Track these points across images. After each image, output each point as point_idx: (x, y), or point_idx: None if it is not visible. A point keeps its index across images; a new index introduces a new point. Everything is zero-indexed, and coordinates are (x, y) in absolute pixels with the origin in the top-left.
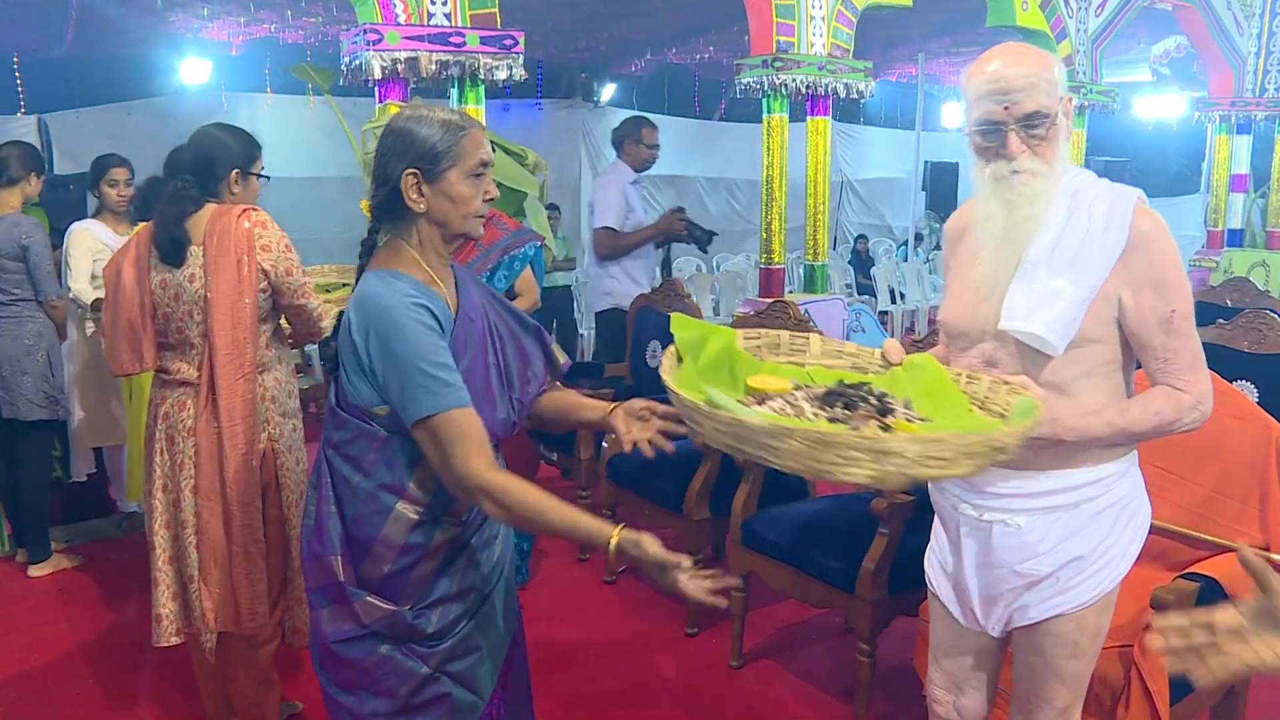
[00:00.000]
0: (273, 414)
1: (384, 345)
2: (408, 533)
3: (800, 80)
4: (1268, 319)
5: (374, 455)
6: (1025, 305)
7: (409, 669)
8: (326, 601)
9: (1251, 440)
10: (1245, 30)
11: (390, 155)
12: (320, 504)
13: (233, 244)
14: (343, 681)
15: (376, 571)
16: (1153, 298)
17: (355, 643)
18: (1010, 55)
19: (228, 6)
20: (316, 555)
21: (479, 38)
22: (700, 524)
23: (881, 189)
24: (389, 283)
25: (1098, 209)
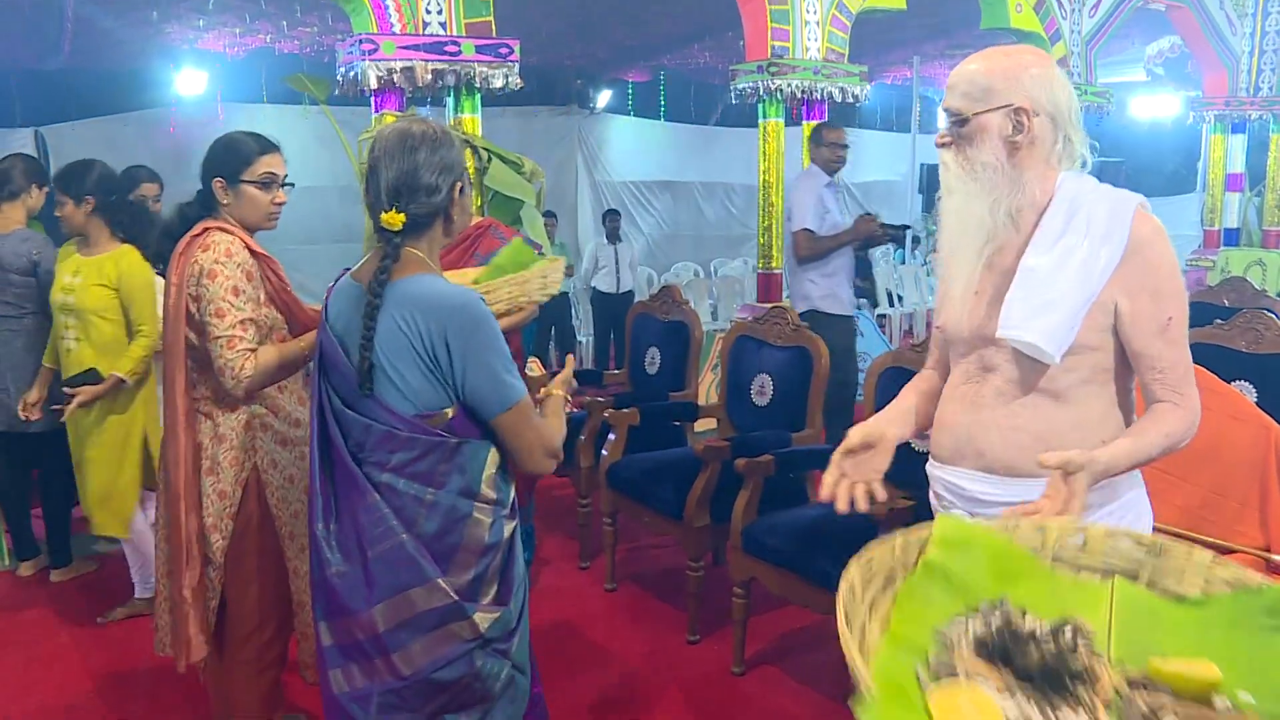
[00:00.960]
0: (263, 442)
1: (470, 339)
2: (487, 532)
3: (795, 85)
4: (1265, 319)
5: (445, 465)
6: (1022, 313)
7: (496, 672)
8: (424, 631)
9: (1250, 441)
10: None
11: (439, 166)
12: (382, 538)
13: (173, 267)
14: (430, 712)
15: (462, 580)
16: (1150, 304)
17: (456, 663)
18: (978, 56)
19: (223, 17)
20: (400, 589)
21: (474, 46)
22: (701, 531)
23: (878, 192)
24: (446, 283)
25: (1097, 215)
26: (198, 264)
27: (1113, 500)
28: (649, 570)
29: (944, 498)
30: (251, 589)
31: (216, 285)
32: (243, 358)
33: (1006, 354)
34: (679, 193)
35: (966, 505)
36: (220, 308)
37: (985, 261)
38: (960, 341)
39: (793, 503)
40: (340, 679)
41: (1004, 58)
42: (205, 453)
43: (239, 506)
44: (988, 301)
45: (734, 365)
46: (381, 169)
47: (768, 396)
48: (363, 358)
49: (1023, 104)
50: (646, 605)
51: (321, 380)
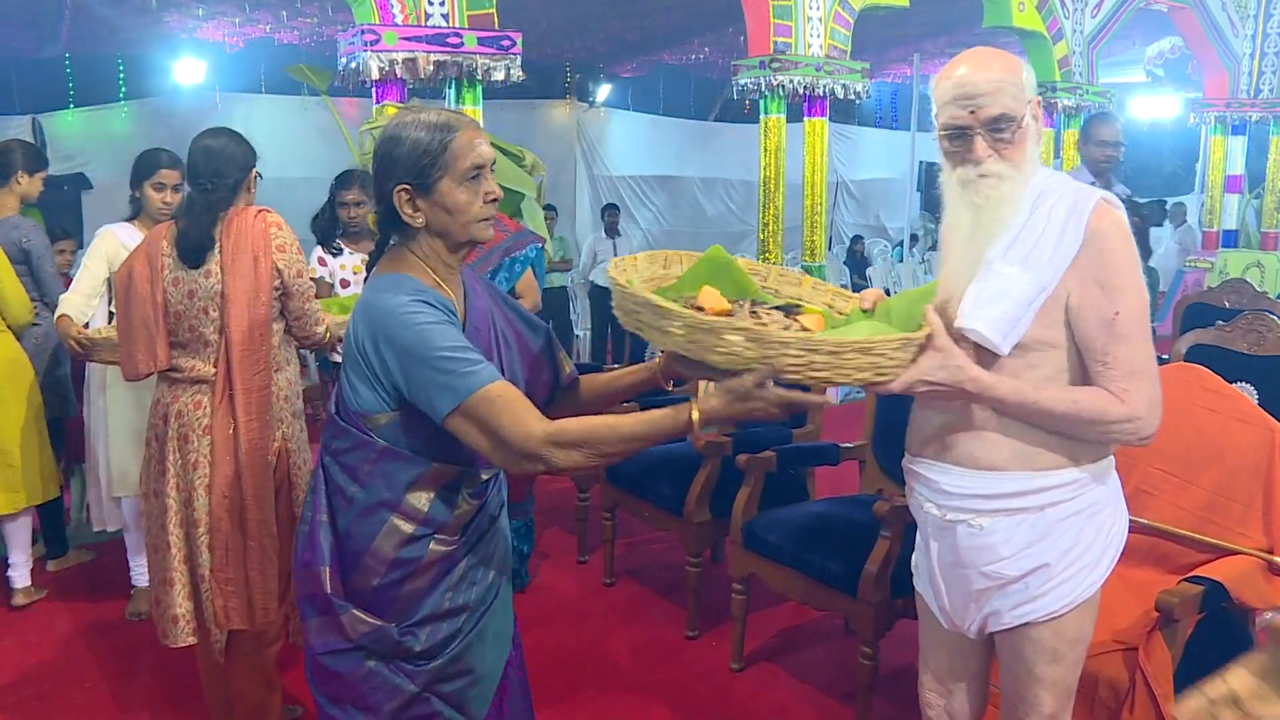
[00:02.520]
0: (285, 413)
1: (397, 345)
2: (399, 547)
3: (798, 81)
4: (1267, 321)
5: (370, 467)
6: (973, 303)
7: (395, 685)
8: (315, 612)
9: (1253, 443)
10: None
11: (381, 170)
12: (314, 512)
13: (250, 243)
14: (330, 693)
15: (365, 585)
16: (1098, 296)
17: (341, 655)
18: (977, 60)
19: (223, 7)
20: (306, 564)
21: (476, 38)
22: (700, 526)
23: (877, 190)
24: (391, 285)
25: (1059, 210)
26: (283, 237)
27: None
28: (648, 565)
29: (915, 489)
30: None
31: (301, 255)
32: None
33: (969, 348)
34: (677, 188)
35: (935, 497)
36: (308, 272)
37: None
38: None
39: (793, 499)
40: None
41: (1004, 56)
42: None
43: (272, 472)
44: (951, 299)
45: None
46: None
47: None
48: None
49: (1035, 97)
50: (645, 600)
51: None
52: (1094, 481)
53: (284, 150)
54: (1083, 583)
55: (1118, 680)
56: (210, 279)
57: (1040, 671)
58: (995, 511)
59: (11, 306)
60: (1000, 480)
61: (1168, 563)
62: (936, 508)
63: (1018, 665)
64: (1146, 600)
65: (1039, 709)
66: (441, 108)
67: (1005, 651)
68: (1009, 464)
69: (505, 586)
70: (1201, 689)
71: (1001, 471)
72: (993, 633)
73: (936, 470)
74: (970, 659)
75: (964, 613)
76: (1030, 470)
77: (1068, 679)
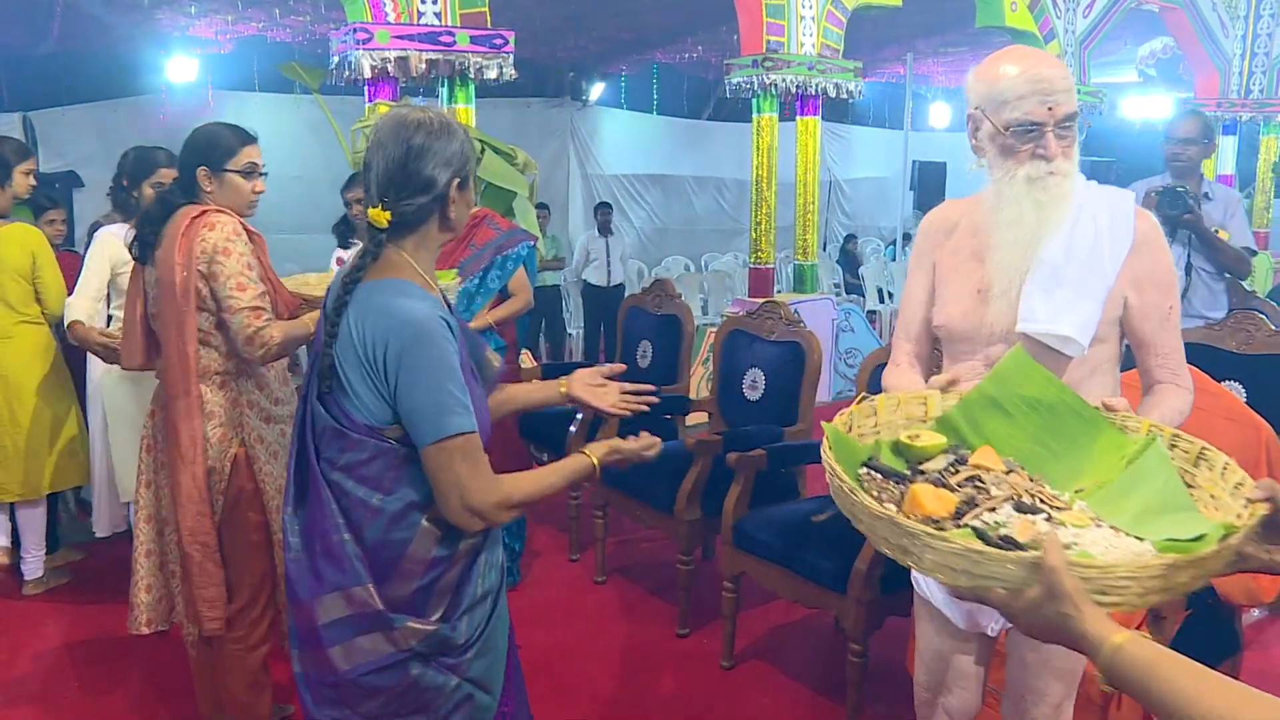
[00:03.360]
0: (249, 418)
1: (412, 361)
2: (434, 546)
3: (790, 80)
4: (1256, 320)
5: (394, 473)
6: (1047, 308)
7: (440, 685)
8: (352, 633)
9: (1241, 441)
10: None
11: (436, 161)
12: (326, 533)
13: (175, 247)
14: (367, 714)
15: (404, 590)
16: (1156, 295)
17: (387, 671)
18: (1043, 58)
19: (215, 5)
20: (338, 587)
21: (469, 37)
22: (691, 525)
23: (870, 189)
24: (405, 294)
25: (1100, 210)
26: (208, 242)
27: None
28: (639, 564)
29: None
30: (242, 564)
31: (232, 262)
32: (271, 326)
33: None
34: (671, 186)
35: None
36: (240, 281)
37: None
38: (964, 340)
39: (784, 498)
40: (297, 660)
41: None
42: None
43: (228, 481)
44: (993, 298)
45: (726, 359)
46: (374, 160)
47: (760, 391)
48: (324, 354)
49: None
50: (636, 599)
51: (312, 365)
52: None
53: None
54: None
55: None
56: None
57: (1057, 661)
58: None
59: (51, 297)
60: None
61: None
62: None
63: (1033, 655)
64: None
65: (1048, 699)
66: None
67: (1019, 643)
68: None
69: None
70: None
71: None
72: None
73: None
74: (969, 658)
75: (987, 611)
76: None
77: (1079, 669)
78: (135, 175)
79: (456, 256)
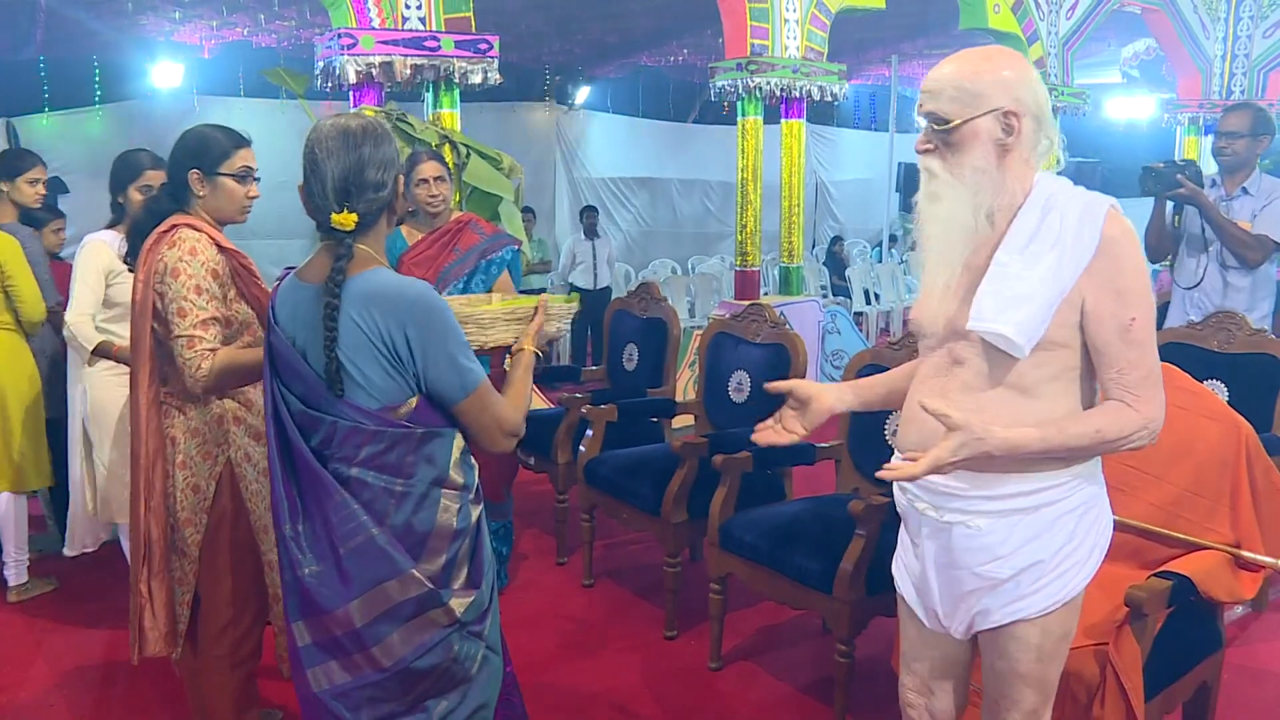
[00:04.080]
0: (236, 436)
1: (427, 329)
2: (455, 519)
3: (774, 83)
4: (1237, 319)
5: (413, 456)
6: (993, 306)
7: (473, 654)
8: (400, 622)
9: (1222, 439)
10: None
11: (386, 162)
12: (352, 534)
13: (143, 262)
14: (416, 699)
15: (435, 567)
16: (1113, 303)
17: (437, 648)
18: (954, 58)
19: (200, 10)
20: (379, 580)
21: (454, 41)
22: (678, 526)
23: (856, 191)
24: (397, 276)
25: (1070, 214)
26: (163, 261)
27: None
28: (626, 566)
29: (909, 491)
30: (226, 583)
31: (179, 284)
32: (200, 357)
33: (976, 348)
34: (656, 190)
35: (931, 498)
36: (182, 306)
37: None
38: (931, 335)
39: (770, 499)
40: (320, 677)
41: (987, 61)
42: (179, 446)
43: (213, 500)
44: (960, 297)
45: (712, 362)
46: (325, 168)
47: (745, 393)
48: (329, 360)
49: (1012, 107)
50: (624, 601)
51: (274, 382)
52: (1086, 480)
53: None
54: (1073, 580)
55: (1089, 675)
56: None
57: (1025, 669)
58: (991, 512)
59: (26, 304)
60: (998, 481)
61: (1138, 558)
62: (933, 509)
63: (1003, 663)
64: (1116, 596)
65: (1021, 706)
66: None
67: (990, 649)
68: (1008, 466)
69: None
70: None
71: (999, 473)
72: (979, 632)
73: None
74: (952, 659)
75: (953, 613)
76: (1026, 471)
77: (1051, 676)
78: (119, 180)
79: (441, 261)
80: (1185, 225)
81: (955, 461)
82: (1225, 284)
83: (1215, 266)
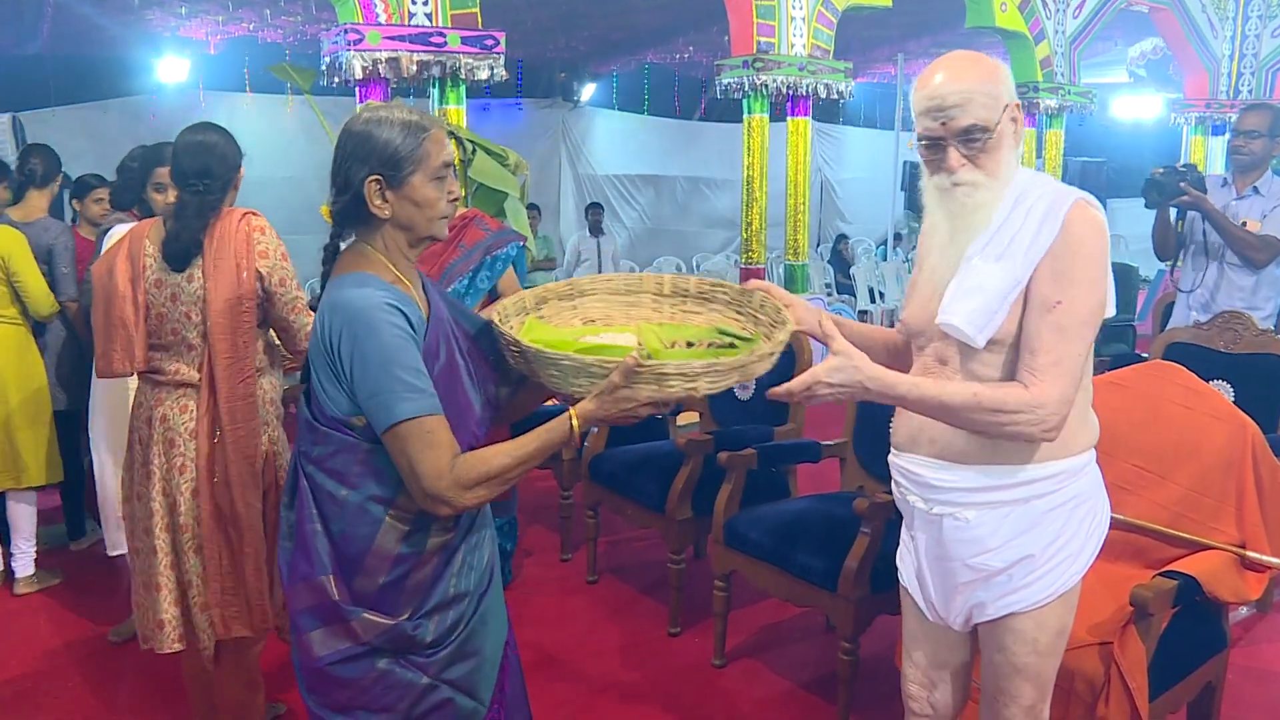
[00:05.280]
0: (271, 416)
1: (357, 348)
2: (400, 542)
3: (781, 81)
4: (1244, 319)
5: (359, 468)
6: (951, 298)
7: (409, 681)
8: (318, 623)
9: (1228, 439)
10: (1219, 33)
11: (351, 160)
12: (302, 523)
13: (233, 248)
14: (338, 703)
15: (371, 585)
16: (1049, 285)
17: (352, 662)
18: (949, 68)
19: (206, 5)
20: (304, 577)
21: (460, 38)
22: (683, 524)
23: (861, 189)
24: (360, 285)
25: (1038, 208)
26: (268, 244)
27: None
28: (630, 563)
29: (901, 484)
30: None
31: (289, 262)
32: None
33: (955, 346)
34: (662, 187)
35: (921, 491)
36: (285, 277)
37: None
38: (920, 334)
39: (774, 496)
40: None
41: (980, 62)
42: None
43: (260, 477)
44: (934, 298)
45: None
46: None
47: (750, 391)
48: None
49: (1014, 100)
50: (628, 598)
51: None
52: (1077, 474)
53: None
54: (1065, 573)
55: (1093, 675)
56: (193, 283)
57: (1022, 662)
58: (981, 504)
59: (33, 299)
60: (986, 474)
61: (1143, 558)
62: (923, 501)
63: (1000, 656)
64: (1122, 595)
65: (1019, 700)
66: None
67: (988, 643)
68: (993, 458)
69: (497, 568)
70: None
71: (986, 465)
72: (976, 625)
73: (922, 465)
74: (954, 652)
75: (949, 605)
76: (1015, 464)
77: (1048, 670)
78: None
79: (446, 257)
80: (1189, 230)
81: (831, 384)
82: (1229, 284)
83: (1218, 267)
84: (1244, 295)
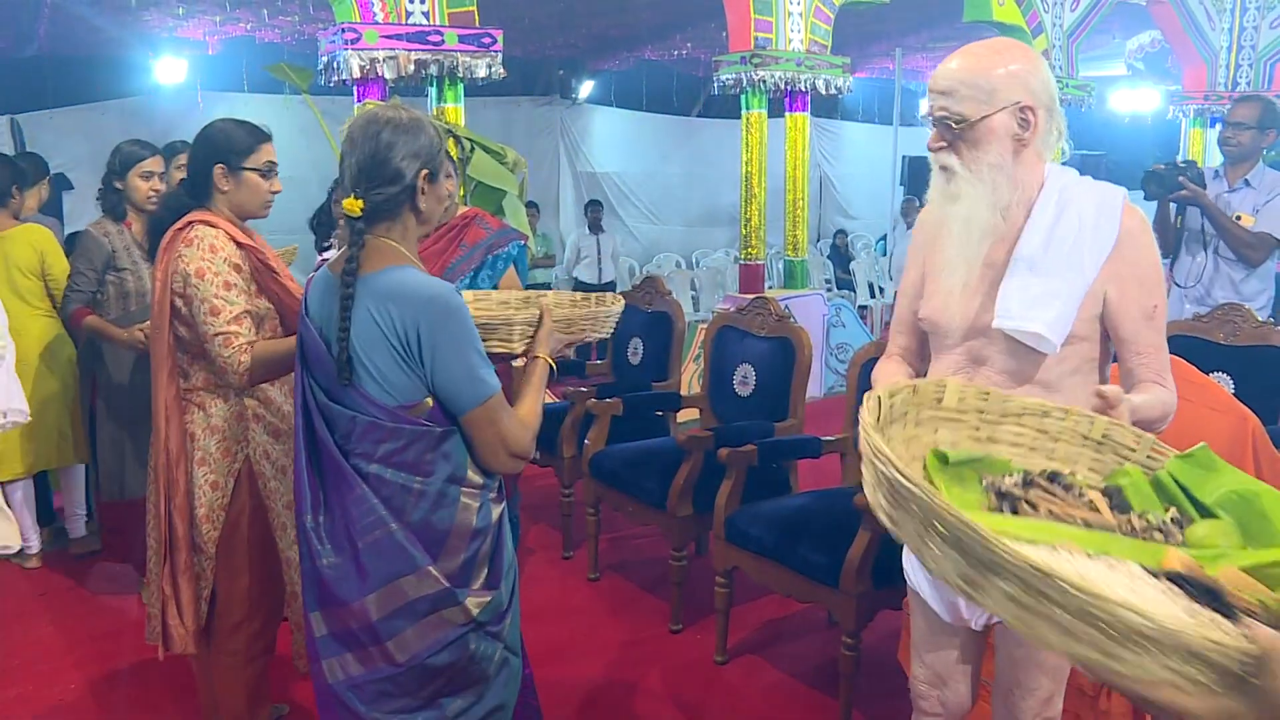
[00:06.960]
0: (255, 433)
1: (442, 332)
2: (474, 518)
3: (779, 76)
4: (1243, 311)
5: (432, 454)
6: (1021, 304)
7: (490, 654)
8: (415, 619)
9: (1228, 432)
10: (1217, 25)
11: (404, 154)
12: (371, 528)
13: (160, 261)
14: (430, 696)
15: (454, 564)
16: (1138, 292)
17: (452, 647)
18: (962, 56)
19: (203, 6)
20: (393, 577)
21: (457, 36)
22: (684, 520)
23: (860, 184)
24: (420, 275)
25: (1087, 207)
26: (182, 262)
27: None
28: (632, 560)
29: None
30: (242, 579)
31: (207, 283)
32: (239, 352)
33: (999, 346)
34: (661, 183)
35: None
36: (215, 305)
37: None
38: (949, 334)
39: (775, 492)
40: (335, 668)
41: (997, 54)
42: (198, 443)
43: (231, 497)
44: (981, 295)
45: (717, 356)
46: (348, 156)
47: (750, 387)
48: (340, 349)
49: (1028, 100)
50: (629, 595)
51: (304, 373)
52: None
53: None
54: None
55: None
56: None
57: (1042, 655)
58: None
59: (63, 291)
60: None
61: None
62: None
63: (1020, 651)
64: None
65: (1036, 693)
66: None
67: (1009, 638)
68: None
69: None
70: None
71: None
72: (995, 622)
73: None
74: (965, 651)
75: (971, 606)
76: None
77: (1065, 663)
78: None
79: (448, 257)
80: (1186, 223)
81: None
82: (1224, 277)
83: (1214, 260)
84: (1242, 288)
